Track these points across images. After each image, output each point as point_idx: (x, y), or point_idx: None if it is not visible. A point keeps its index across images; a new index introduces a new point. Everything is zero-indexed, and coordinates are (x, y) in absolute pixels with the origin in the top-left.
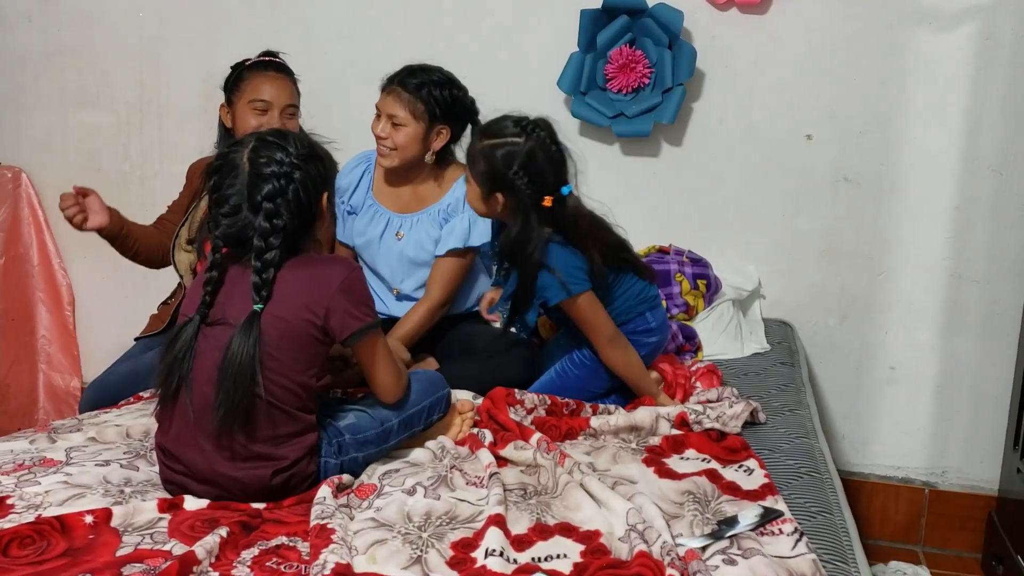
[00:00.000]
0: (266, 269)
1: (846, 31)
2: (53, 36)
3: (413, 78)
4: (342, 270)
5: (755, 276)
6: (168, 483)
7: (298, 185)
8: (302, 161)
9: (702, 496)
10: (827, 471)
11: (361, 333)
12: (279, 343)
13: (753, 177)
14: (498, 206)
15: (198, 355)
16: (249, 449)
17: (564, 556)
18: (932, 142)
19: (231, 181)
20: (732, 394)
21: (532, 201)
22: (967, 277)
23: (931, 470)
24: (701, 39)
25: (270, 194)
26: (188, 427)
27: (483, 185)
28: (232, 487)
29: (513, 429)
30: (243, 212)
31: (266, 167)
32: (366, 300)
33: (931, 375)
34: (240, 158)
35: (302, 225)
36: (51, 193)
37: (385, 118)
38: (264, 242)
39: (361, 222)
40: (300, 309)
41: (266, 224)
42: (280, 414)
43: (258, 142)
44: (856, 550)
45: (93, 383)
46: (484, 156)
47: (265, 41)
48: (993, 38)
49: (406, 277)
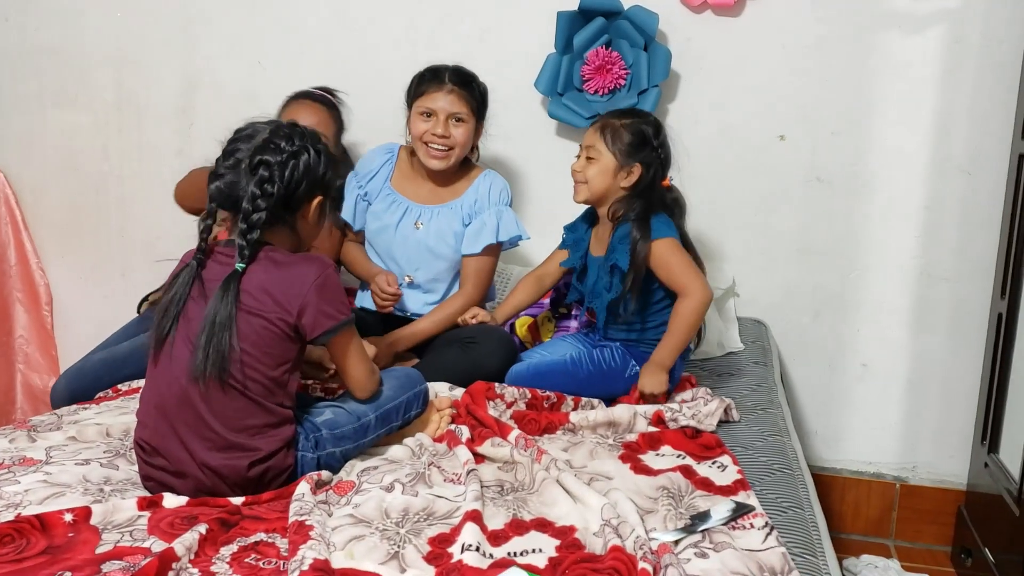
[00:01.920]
0: (251, 231)
1: (818, 34)
2: (30, 35)
3: (462, 76)
4: (316, 268)
5: (729, 275)
6: (147, 480)
7: (299, 166)
8: (316, 153)
9: (676, 491)
10: (798, 468)
11: (333, 331)
12: (251, 338)
13: (727, 177)
14: (630, 179)
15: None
16: (225, 438)
17: (540, 551)
18: (902, 143)
19: (245, 140)
20: (706, 393)
21: (658, 178)
22: (937, 275)
23: (902, 465)
24: (676, 41)
25: (269, 163)
26: (166, 418)
27: (625, 155)
28: (210, 478)
29: (491, 425)
30: (241, 168)
31: (280, 140)
32: (341, 298)
33: (902, 372)
34: (263, 127)
35: (285, 207)
36: (29, 193)
37: (444, 117)
38: (252, 204)
39: (377, 209)
40: (273, 306)
41: (256, 188)
42: (254, 406)
43: (290, 123)
44: (825, 544)
45: (67, 371)
46: (629, 130)
47: (244, 42)
48: (962, 41)
49: (422, 266)
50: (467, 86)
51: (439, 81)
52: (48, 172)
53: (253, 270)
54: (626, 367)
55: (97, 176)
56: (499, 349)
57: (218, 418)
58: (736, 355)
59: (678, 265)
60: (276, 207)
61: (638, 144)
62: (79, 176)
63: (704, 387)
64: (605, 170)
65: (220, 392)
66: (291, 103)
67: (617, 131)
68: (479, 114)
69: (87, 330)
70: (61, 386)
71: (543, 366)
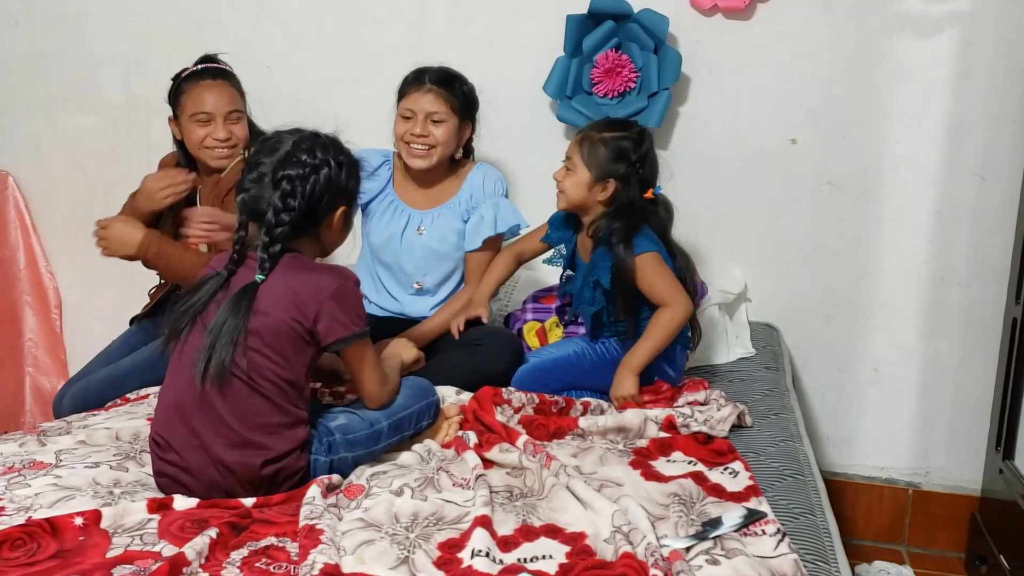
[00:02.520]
0: (273, 244)
1: (829, 36)
2: (39, 39)
3: (441, 75)
4: (338, 277)
5: (741, 280)
6: (160, 475)
7: (321, 179)
8: (337, 166)
9: (687, 498)
10: (811, 473)
11: (347, 340)
12: (268, 339)
13: (738, 181)
14: (604, 193)
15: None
16: (241, 435)
17: (550, 557)
18: (914, 146)
19: (268, 153)
20: (720, 396)
21: (638, 193)
22: (949, 280)
23: (914, 470)
24: (686, 44)
25: (291, 176)
26: (183, 417)
27: (599, 171)
28: (223, 476)
29: (499, 431)
30: (265, 182)
31: (302, 154)
32: (358, 310)
33: (914, 377)
34: (287, 138)
35: (308, 219)
36: (37, 196)
37: (423, 117)
38: (275, 218)
39: (382, 219)
40: (290, 308)
41: (279, 202)
42: (270, 405)
43: (311, 135)
44: (837, 550)
45: (72, 390)
46: (606, 145)
47: (251, 45)
48: (974, 44)
49: (429, 271)
50: (446, 85)
51: (419, 82)
52: (57, 175)
53: (276, 273)
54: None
55: (106, 179)
56: (505, 351)
57: (235, 415)
58: (747, 360)
59: (660, 279)
60: (299, 220)
61: (613, 159)
62: (88, 179)
63: (718, 390)
64: (579, 183)
65: (237, 390)
66: (190, 88)
67: (595, 144)
68: (463, 112)
69: (96, 333)
70: (67, 405)
71: (548, 362)
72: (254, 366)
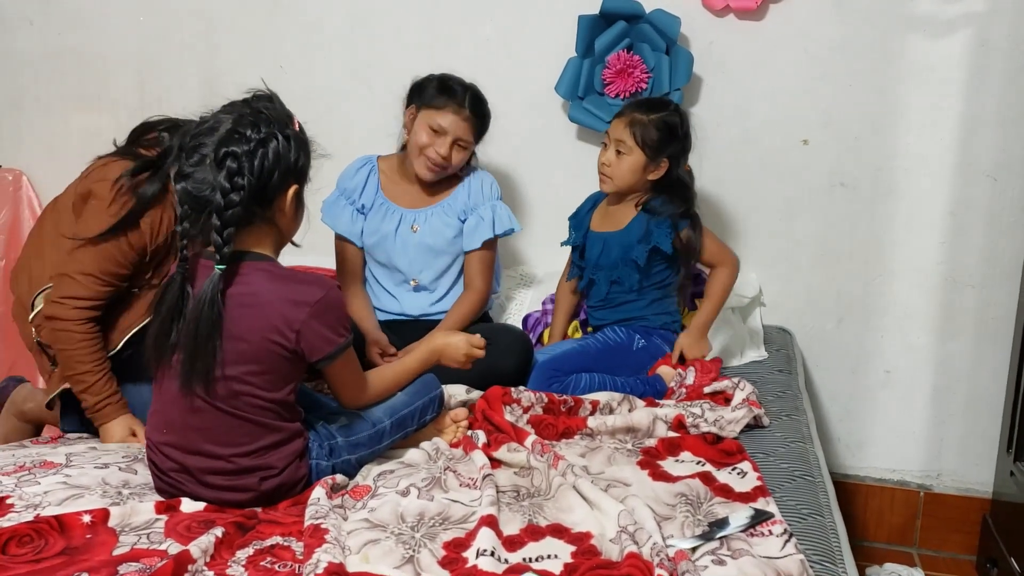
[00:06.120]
0: (225, 227)
1: (842, 37)
2: (54, 39)
3: (477, 103)
4: (317, 289)
5: (756, 283)
6: (162, 492)
7: (269, 154)
8: (285, 139)
9: (695, 498)
10: (820, 475)
11: (332, 357)
12: (251, 368)
13: (750, 182)
14: (659, 171)
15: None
16: (236, 463)
17: (555, 557)
18: (927, 147)
19: (207, 134)
20: (753, 392)
21: (681, 166)
22: (962, 281)
23: (926, 473)
24: (698, 45)
25: (236, 154)
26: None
27: (653, 151)
28: (224, 496)
29: (508, 431)
30: (207, 164)
31: (246, 129)
32: (340, 319)
33: (926, 378)
34: (225, 116)
35: (258, 202)
36: (51, 195)
37: (451, 140)
38: (224, 199)
39: (373, 220)
40: (270, 331)
41: (226, 182)
42: (260, 429)
43: (253, 110)
44: (844, 551)
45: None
46: (657, 126)
47: (264, 45)
48: (988, 44)
49: (424, 268)
50: (481, 116)
51: (457, 103)
52: (71, 175)
53: (251, 288)
54: (632, 341)
55: None
56: (514, 348)
57: (231, 445)
58: (760, 363)
59: (712, 242)
60: (249, 202)
61: (666, 139)
62: None
63: (740, 377)
64: (635, 166)
65: (228, 423)
66: None
67: (646, 127)
68: (479, 139)
69: None
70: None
71: (559, 355)
72: (241, 396)
